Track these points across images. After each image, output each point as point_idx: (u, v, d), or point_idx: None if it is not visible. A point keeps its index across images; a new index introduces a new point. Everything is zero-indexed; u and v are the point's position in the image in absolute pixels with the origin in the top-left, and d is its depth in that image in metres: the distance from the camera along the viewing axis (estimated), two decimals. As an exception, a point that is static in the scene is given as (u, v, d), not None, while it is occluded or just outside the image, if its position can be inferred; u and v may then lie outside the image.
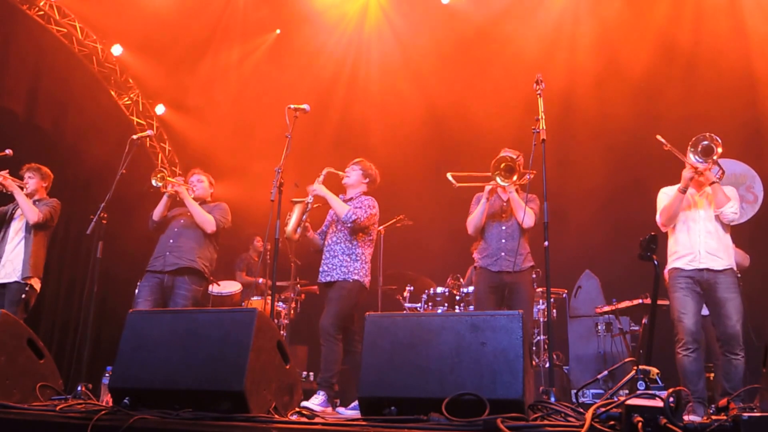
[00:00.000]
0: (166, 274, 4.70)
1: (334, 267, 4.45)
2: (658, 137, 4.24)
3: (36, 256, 5.01)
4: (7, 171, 5.13)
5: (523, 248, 4.55)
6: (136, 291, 4.82)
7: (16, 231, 5.08)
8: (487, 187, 4.54)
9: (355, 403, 3.98)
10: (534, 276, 6.45)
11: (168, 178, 4.91)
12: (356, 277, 4.42)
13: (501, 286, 4.50)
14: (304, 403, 3.67)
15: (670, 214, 4.23)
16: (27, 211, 4.98)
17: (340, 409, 4.37)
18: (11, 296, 4.88)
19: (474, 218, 4.60)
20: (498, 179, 4.37)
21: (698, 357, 3.92)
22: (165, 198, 4.89)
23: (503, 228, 4.59)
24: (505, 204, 4.65)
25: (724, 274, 4.06)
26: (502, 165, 4.39)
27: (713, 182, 4.16)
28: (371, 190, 4.76)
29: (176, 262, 4.72)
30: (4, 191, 5.10)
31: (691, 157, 4.19)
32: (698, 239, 4.14)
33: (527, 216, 4.50)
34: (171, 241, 4.82)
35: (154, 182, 4.86)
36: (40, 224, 5.01)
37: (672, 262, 4.23)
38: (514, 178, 4.37)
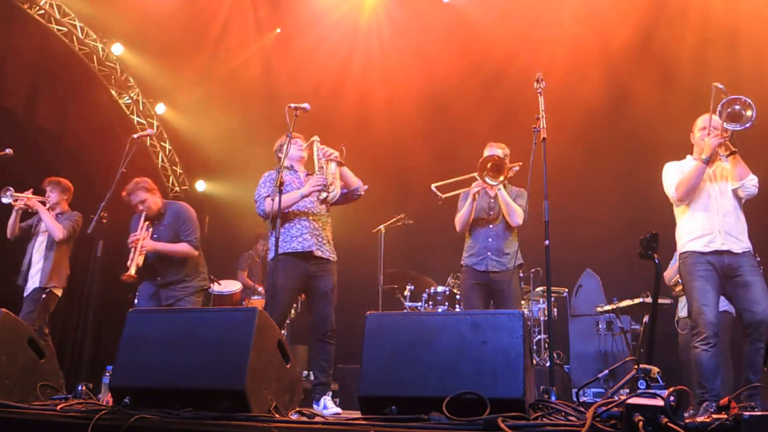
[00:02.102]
0: None
1: (325, 242, 4.16)
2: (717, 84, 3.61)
3: (59, 266, 5.23)
4: (32, 190, 5.35)
5: (509, 247, 4.50)
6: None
7: (41, 243, 5.30)
8: (474, 188, 4.48)
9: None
10: (531, 275, 6.45)
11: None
12: (335, 257, 4.23)
13: (488, 284, 4.47)
14: (326, 413, 3.60)
15: (689, 186, 3.77)
16: (52, 229, 5.20)
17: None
18: (31, 296, 5.12)
19: (462, 216, 4.55)
20: (487, 179, 4.33)
21: (717, 352, 3.59)
22: None
23: (490, 227, 4.55)
24: (492, 200, 4.59)
25: (744, 257, 3.68)
26: (489, 164, 4.35)
27: (733, 152, 3.67)
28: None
29: None
30: (30, 210, 5.33)
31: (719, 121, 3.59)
32: (716, 218, 3.73)
33: (515, 214, 4.46)
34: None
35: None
36: (63, 240, 5.22)
37: (686, 245, 3.81)
38: (501, 177, 4.33)
